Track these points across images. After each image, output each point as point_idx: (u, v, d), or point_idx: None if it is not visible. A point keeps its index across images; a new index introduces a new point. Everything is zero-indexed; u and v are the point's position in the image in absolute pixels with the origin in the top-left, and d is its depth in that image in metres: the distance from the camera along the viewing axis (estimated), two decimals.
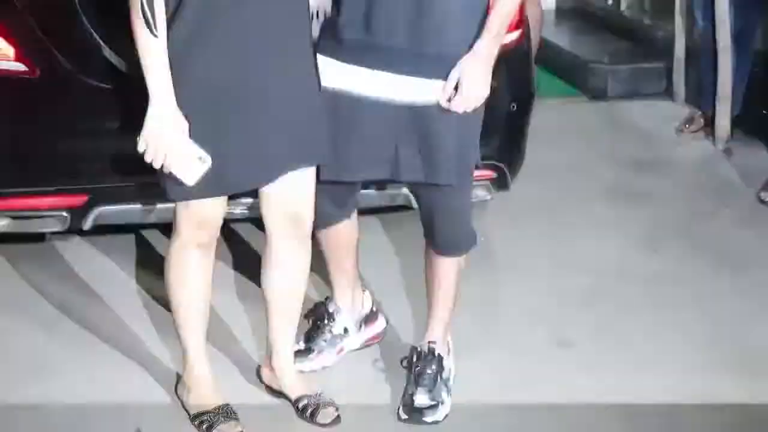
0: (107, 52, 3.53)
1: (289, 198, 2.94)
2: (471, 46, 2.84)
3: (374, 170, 3.00)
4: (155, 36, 2.61)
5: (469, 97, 2.84)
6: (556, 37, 6.61)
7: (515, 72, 3.77)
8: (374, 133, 2.90)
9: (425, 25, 2.81)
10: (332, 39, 2.89)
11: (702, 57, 5.47)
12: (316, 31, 2.92)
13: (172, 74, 2.66)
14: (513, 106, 3.80)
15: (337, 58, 2.88)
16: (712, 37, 5.22)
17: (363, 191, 3.31)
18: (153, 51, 2.64)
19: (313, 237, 3.09)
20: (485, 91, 2.86)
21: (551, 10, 7.00)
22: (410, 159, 2.93)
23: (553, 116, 5.44)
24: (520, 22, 3.68)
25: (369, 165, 2.97)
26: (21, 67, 3.47)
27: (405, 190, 3.51)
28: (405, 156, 2.93)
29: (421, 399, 3.12)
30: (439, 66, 2.85)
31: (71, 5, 3.53)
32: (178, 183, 2.70)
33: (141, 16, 2.58)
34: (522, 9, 3.48)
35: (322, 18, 2.98)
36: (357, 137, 2.92)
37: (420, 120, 2.89)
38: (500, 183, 3.86)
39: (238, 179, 2.84)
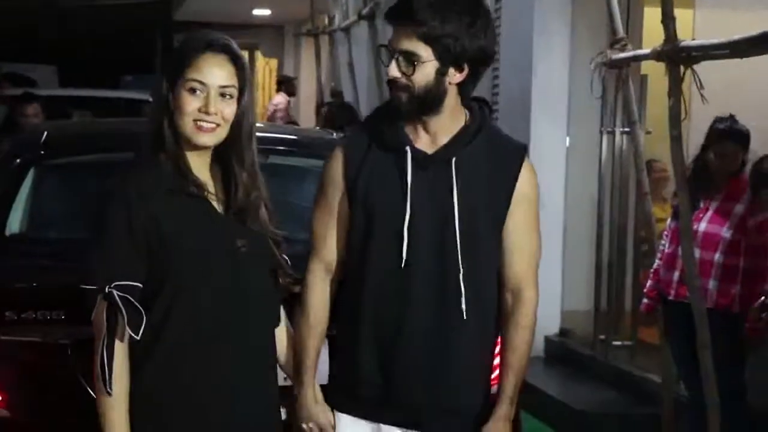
0: None
1: None
2: (486, 397, 2.93)
3: None
4: (108, 393, 2.53)
5: None
6: (545, 384, 6.70)
7: None
8: None
9: (444, 381, 2.86)
10: (349, 395, 2.92)
11: (691, 410, 5.27)
12: None
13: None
14: None
15: (356, 415, 2.91)
16: (698, 391, 4.95)
17: None
18: (108, 408, 2.57)
19: None
20: None
21: (540, 357, 7.19)
22: None
23: None
24: None
25: None
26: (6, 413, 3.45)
27: None
28: None
29: None
30: (459, 420, 2.91)
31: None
32: None
33: (99, 370, 2.53)
34: None
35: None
36: None
37: None
38: None
39: None
